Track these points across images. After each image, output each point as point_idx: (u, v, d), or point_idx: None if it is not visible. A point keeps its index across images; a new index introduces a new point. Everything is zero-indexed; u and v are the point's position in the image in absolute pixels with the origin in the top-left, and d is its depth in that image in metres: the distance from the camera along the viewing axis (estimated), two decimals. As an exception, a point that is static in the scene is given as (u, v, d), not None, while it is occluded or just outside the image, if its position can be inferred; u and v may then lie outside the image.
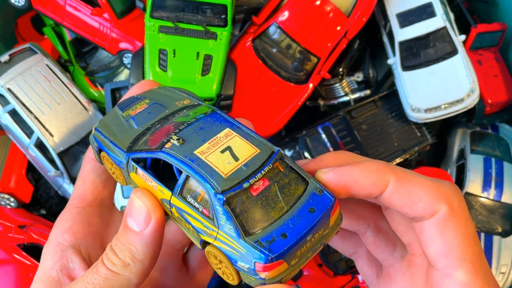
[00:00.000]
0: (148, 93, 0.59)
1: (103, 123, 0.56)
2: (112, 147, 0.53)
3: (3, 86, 1.43)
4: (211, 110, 0.53)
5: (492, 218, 1.48)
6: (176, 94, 0.58)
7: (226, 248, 0.44)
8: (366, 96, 1.58)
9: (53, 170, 1.47)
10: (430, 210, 0.46)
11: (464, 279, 0.45)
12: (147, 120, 0.54)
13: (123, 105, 0.57)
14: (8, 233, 1.43)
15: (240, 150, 0.47)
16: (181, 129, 0.50)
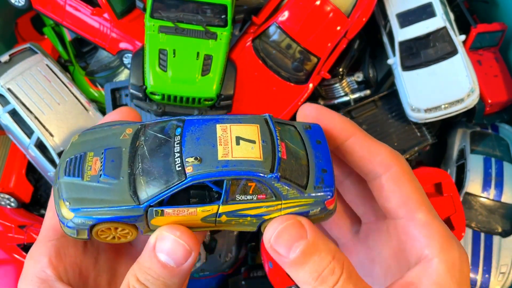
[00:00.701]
0: (80, 147, 0.54)
1: (76, 201, 0.50)
2: (113, 211, 0.49)
3: (3, 86, 1.43)
4: (181, 120, 0.52)
5: (492, 218, 1.48)
6: (109, 131, 0.55)
7: (295, 210, 0.51)
8: (366, 96, 1.58)
9: (53, 170, 1.47)
10: (386, 165, 0.54)
11: (424, 220, 0.52)
12: (119, 167, 0.51)
13: (71, 173, 0.52)
14: (8, 233, 1.43)
15: (246, 133, 0.51)
16: (182, 150, 0.49)
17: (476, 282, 1.41)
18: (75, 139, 0.54)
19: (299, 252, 0.47)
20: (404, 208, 0.53)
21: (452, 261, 0.50)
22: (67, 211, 0.50)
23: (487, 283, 1.40)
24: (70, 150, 0.54)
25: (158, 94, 1.28)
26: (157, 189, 0.49)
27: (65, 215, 0.51)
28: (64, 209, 0.50)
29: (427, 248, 0.51)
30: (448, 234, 0.53)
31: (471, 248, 1.44)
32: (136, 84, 1.30)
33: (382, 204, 0.56)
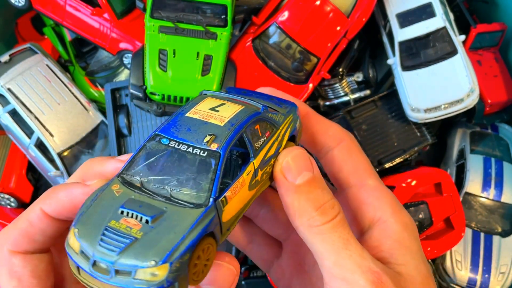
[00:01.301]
0: (92, 231, 0.45)
1: (157, 254, 0.43)
2: (192, 230, 0.45)
3: (3, 86, 1.43)
4: (156, 135, 0.51)
5: (492, 218, 1.48)
6: (98, 204, 0.48)
7: (290, 130, 0.56)
8: (366, 96, 1.58)
9: (53, 170, 1.47)
10: (338, 138, 0.58)
11: (374, 185, 0.56)
12: (150, 205, 0.46)
13: (118, 247, 0.44)
14: (8, 233, 1.43)
15: (211, 104, 0.54)
16: (189, 143, 0.48)
17: (476, 282, 1.41)
18: (76, 233, 0.45)
19: (306, 180, 0.49)
20: (355, 175, 0.56)
21: (405, 221, 0.53)
22: (157, 272, 0.42)
23: (487, 283, 1.40)
24: (86, 243, 0.44)
25: (158, 94, 1.28)
26: (206, 181, 0.47)
27: (159, 277, 0.42)
28: (151, 272, 0.43)
29: (379, 211, 0.53)
30: (397, 200, 0.56)
31: (471, 248, 1.44)
32: (136, 84, 1.30)
33: (335, 175, 0.58)
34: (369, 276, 0.46)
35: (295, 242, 0.63)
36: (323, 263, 0.48)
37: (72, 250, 0.45)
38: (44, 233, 0.51)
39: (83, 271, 0.44)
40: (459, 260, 1.44)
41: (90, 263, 0.43)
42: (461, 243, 1.44)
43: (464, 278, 1.42)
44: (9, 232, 0.51)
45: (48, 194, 0.51)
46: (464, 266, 1.43)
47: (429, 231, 1.43)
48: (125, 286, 0.43)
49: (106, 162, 0.54)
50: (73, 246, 0.45)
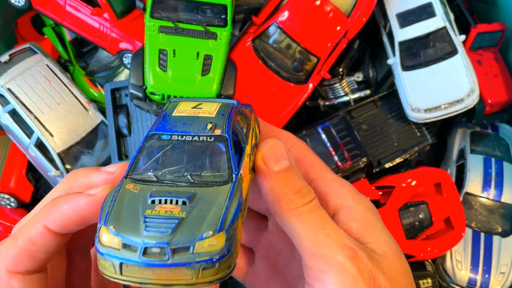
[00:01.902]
0: (129, 222, 0.44)
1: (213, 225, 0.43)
2: (232, 202, 0.46)
3: (3, 86, 1.43)
4: (153, 135, 0.52)
5: (492, 218, 1.48)
6: (125, 197, 0.47)
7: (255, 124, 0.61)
8: (366, 96, 1.58)
9: (53, 170, 1.47)
10: (290, 142, 0.61)
11: (332, 176, 0.59)
12: (179, 191, 0.46)
13: (163, 228, 0.43)
14: (8, 233, 1.43)
15: (189, 104, 0.56)
16: (193, 134, 0.50)
17: (476, 282, 1.41)
18: (112, 230, 0.43)
19: (284, 167, 0.52)
20: (313, 170, 0.59)
21: (366, 204, 0.56)
22: (216, 241, 0.42)
23: (487, 283, 1.40)
24: (130, 234, 0.43)
25: (158, 94, 1.28)
26: (224, 162, 0.48)
27: (219, 246, 0.43)
28: (209, 243, 0.42)
29: (341, 198, 0.56)
30: (355, 188, 0.59)
31: (471, 248, 1.44)
32: (136, 84, 1.30)
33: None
34: (346, 252, 0.48)
35: (266, 246, 0.65)
36: (302, 243, 0.49)
37: (109, 249, 0.42)
38: (46, 250, 0.49)
39: (129, 266, 0.42)
40: (459, 260, 1.44)
41: (139, 252, 0.42)
42: (461, 243, 1.44)
43: (464, 278, 1.42)
44: (8, 251, 0.49)
45: (49, 208, 0.50)
46: (464, 266, 1.43)
47: (429, 231, 1.43)
48: (186, 263, 0.42)
49: (92, 174, 0.53)
50: (111, 244, 0.42)
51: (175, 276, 0.42)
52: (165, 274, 0.42)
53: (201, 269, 0.42)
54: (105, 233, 0.43)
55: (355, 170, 1.46)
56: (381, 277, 0.49)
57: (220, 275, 0.44)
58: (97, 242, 0.43)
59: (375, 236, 0.53)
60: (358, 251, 0.49)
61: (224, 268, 0.44)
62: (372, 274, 0.48)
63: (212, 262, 0.42)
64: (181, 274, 0.42)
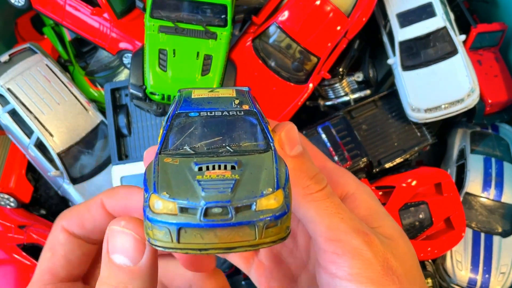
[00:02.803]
0: (181, 187, 0.43)
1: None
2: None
3: (3, 86, 1.43)
4: (180, 114, 0.52)
5: (492, 218, 1.47)
6: (168, 163, 0.47)
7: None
8: (366, 96, 1.58)
9: (53, 170, 1.47)
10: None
11: (333, 166, 0.60)
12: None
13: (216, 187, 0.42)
14: (8, 233, 1.43)
15: (202, 91, 0.55)
16: (222, 109, 0.50)
17: (476, 282, 1.41)
18: (166, 196, 0.42)
19: (299, 152, 0.51)
20: (314, 160, 0.57)
21: (368, 191, 0.57)
22: (276, 197, 0.42)
23: (487, 283, 1.40)
24: (187, 197, 0.41)
25: (158, 94, 1.28)
26: (259, 132, 0.49)
27: (279, 203, 0.42)
28: (271, 200, 0.42)
29: (345, 186, 0.56)
30: (356, 177, 0.59)
31: (471, 248, 1.44)
32: (136, 84, 1.30)
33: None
34: (361, 236, 0.49)
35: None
36: (317, 228, 0.50)
37: (165, 215, 0.40)
38: (94, 223, 0.52)
39: (189, 231, 0.40)
40: (460, 260, 1.44)
41: (200, 213, 0.40)
42: (461, 243, 1.43)
43: (465, 278, 1.42)
44: (70, 213, 0.54)
45: (109, 191, 0.54)
46: (465, 266, 1.43)
47: (429, 231, 1.42)
48: (250, 221, 0.40)
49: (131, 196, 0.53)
50: (166, 209, 0.40)
51: (238, 237, 0.41)
52: (228, 236, 0.41)
53: (264, 227, 0.41)
54: (158, 199, 0.40)
55: (355, 170, 1.46)
56: (392, 259, 0.51)
57: (281, 235, 0.42)
58: (148, 211, 0.41)
59: (380, 221, 0.55)
60: (371, 236, 0.50)
61: (284, 227, 0.42)
62: (385, 257, 0.50)
63: (275, 219, 0.41)
64: (244, 235, 0.41)
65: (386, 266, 0.50)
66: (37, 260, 1.40)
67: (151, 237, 0.41)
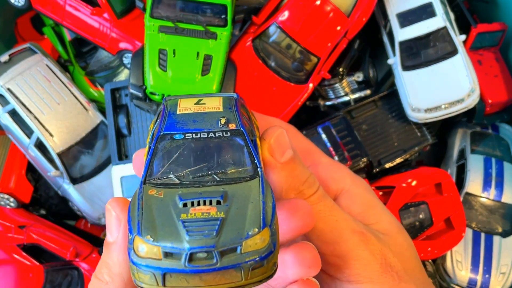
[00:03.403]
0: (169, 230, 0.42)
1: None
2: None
3: (3, 86, 1.43)
4: (165, 135, 0.50)
5: (492, 218, 1.47)
6: (153, 202, 0.45)
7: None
8: (366, 96, 1.58)
9: (53, 170, 1.47)
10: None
11: (328, 161, 0.60)
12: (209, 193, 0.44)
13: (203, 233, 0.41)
14: (8, 233, 1.43)
15: (189, 101, 0.53)
16: (208, 130, 0.48)
17: (476, 282, 1.41)
18: (150, 240, 0.41)
19: (289, 158, 0.50)
20: (309, 156, 0.58)
21: (364, 185, 0.58)
22: (262, 237, 0.41)
23: (487, 283, 1.40)
24: (171, 242, 0.40)
25: (158, 94, 1.28)
26: (246, 156, 0.47)
27: (265, 242, 0.41)
28: (256, 241, 0.41)
29: (341, 182, 0.57)
30: (351, 171, 0.59)
31: (471, 248, 1.44)
32: (136, 84, 1.30)
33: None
34: (356, 236, 0.50)
35: None
36: (312, 232, 0.50)
37: (149, 260, 0.39)
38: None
39: (174, 275, 0.40)
40: (460, 260, 1.43)
41: (185, 259, 0.39)
42: (461, 243, 1.43)
43: (465, 278, 1.42)
44: None
45: None
46: (465, 267, 1.43)
47: (430, 231, 1.42)
48: (235, 264, 0.40)
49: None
50: (151, 254, 0.40)
51: (223, 279, 0.40)
52: (213, 279, 0.40)
53: (250, 269, 0.40)
54: (142, 243, 0.40)
55: (356, 170, 1.46)
56: (390, 255, 0.51)
57: (268, 273, 0.42)
58: (133, 254, 0.40)
59: (377, 217, 0.55)
60: (367, 234, 0.51)
61: (271, 265, 0.42)
62: (383, 254, 0.50)
63: (261, 260, 0.40)
64: (230, 277, 0.40)
65: (384, 263, 0.50)
66: (37, 261, 1.41)
67: (137, 279, 0.41)
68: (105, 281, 0.46)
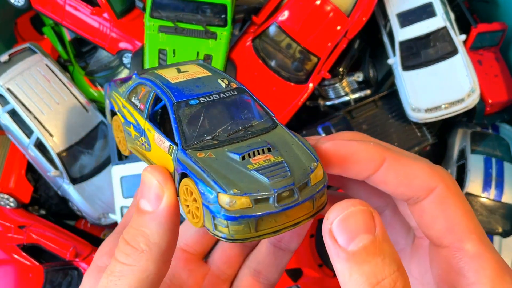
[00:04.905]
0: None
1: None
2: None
3: (3, 86, 1.43)
4: (182, 102, 0.53)
5: (493, 218, 1.47)
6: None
7: None
8: (366, 96, 1.58)
9: (53, 170, 1.47)
10: (427, 188, 0.46)
11: (474, 250, 0.45)
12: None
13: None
14: (7, 233, 1.42)
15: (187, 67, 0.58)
16: (219, 92, 0.52)
17: (476, 282, 1.41)
18: (238, 192, 0.44)
19: (363, 246, 0.39)
20: (450, 236, 0.46)
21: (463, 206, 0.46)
22: (321, 169, 0.47)
23: (487, 283, 1.40)
24: (257, 190, 0.44)
25: (158, 94, 1.28)
26: (259, 109, 0.52)
27: (323, 173, 0.47)
28: (317, 173, 0.46)
29: (474, 286, 0.44)
30: (501, 269, 0.45)
31: (471, 248, 1.44)
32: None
33: (425, 231, 0.49)
34: None
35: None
36: None
37: (242, 210, 0.43)
38: None
39: (265, 219, 0.44)
40: (460, 260, 1.43)
41: (273, 200, 0.43)
42: None
43: (465, 278, 1.42)
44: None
45: None
46: (465, 267, 1.42)
47: (430, 231, 1.42)
48: (310, 196, 0.45)
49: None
50: (241, 205, 0.43)
51: (301, 212, 0.45)
52: (295, 213, 0.45)
53: (317, 198, 0.46)
54: (230, 197, 0.43)
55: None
56: None
57: (324, 200, 0.48)
58: (221, 210, 0.43)
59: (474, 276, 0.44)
60: None
61: (325, 193, 0.48)
62: None
63: (324, 188, 0.47)
64: (306, 208, 0.46)
65: None
66: (37, 261, 1.41)
67: (227, 233, 0.44)
68: (140, 249, 0.45)
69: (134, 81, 0.56)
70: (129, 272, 0.44)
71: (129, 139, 0.58)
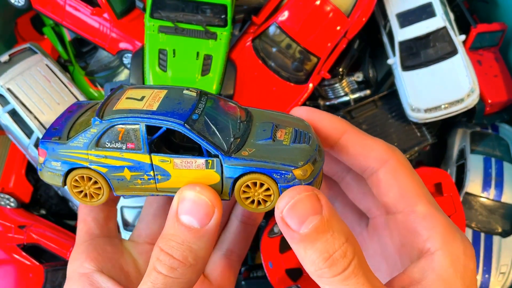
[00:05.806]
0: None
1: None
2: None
3: (3, 86, 1.43)
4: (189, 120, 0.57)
5: (492, 218, 1.47)
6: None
7: None
8: (366, 96, 1.58)
9: (53, 170, 1.47)
10: (381, 159, 0.54)
11: (425, 211, 0.51)
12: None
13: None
14: (8, 233, 1.43)
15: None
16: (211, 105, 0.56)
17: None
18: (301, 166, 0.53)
19: (312, 227, 0.43)
20: (403, 201, 0.52)
21: (456, 254, 0.50)
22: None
23: (487, 283, 1.40)
24: (309, 156, 0.52)
25: (158, 94, 1.28)
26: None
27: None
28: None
29: (428, 241, 0.50)
30: (450, 226, 0.51)
31: (471, 248, 1.44)
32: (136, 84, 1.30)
33: (381, 199, 0.55)
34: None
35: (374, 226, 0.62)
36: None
37: (312, 174, 0.51)
38: None
39: (315, 166, 0.52)
40: (459, 260, 1.43)
41: (316, 156, 0.53)
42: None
43: (464, 278, 1.42)
44: None
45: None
46: (464, 266, 1.42)
47: (429, 231, 1.42)
48: (322, 160, 0.55)
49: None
50: (311, 169, 0.51)
51: (321, 174, 0.55)
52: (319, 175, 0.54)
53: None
54: (301, 169, 0.50)
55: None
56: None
57: (321, 162, 0.57)
58: (302, 182, 0.50)
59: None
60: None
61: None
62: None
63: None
64: (320, 172, 0.54)
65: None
66: (37, 261, 1.41)
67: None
68: (188, 263, 0.47)
69: (99, 126, 0.52)
70: (173, 284, 0.47)
71: (120, 184, 0.54)
